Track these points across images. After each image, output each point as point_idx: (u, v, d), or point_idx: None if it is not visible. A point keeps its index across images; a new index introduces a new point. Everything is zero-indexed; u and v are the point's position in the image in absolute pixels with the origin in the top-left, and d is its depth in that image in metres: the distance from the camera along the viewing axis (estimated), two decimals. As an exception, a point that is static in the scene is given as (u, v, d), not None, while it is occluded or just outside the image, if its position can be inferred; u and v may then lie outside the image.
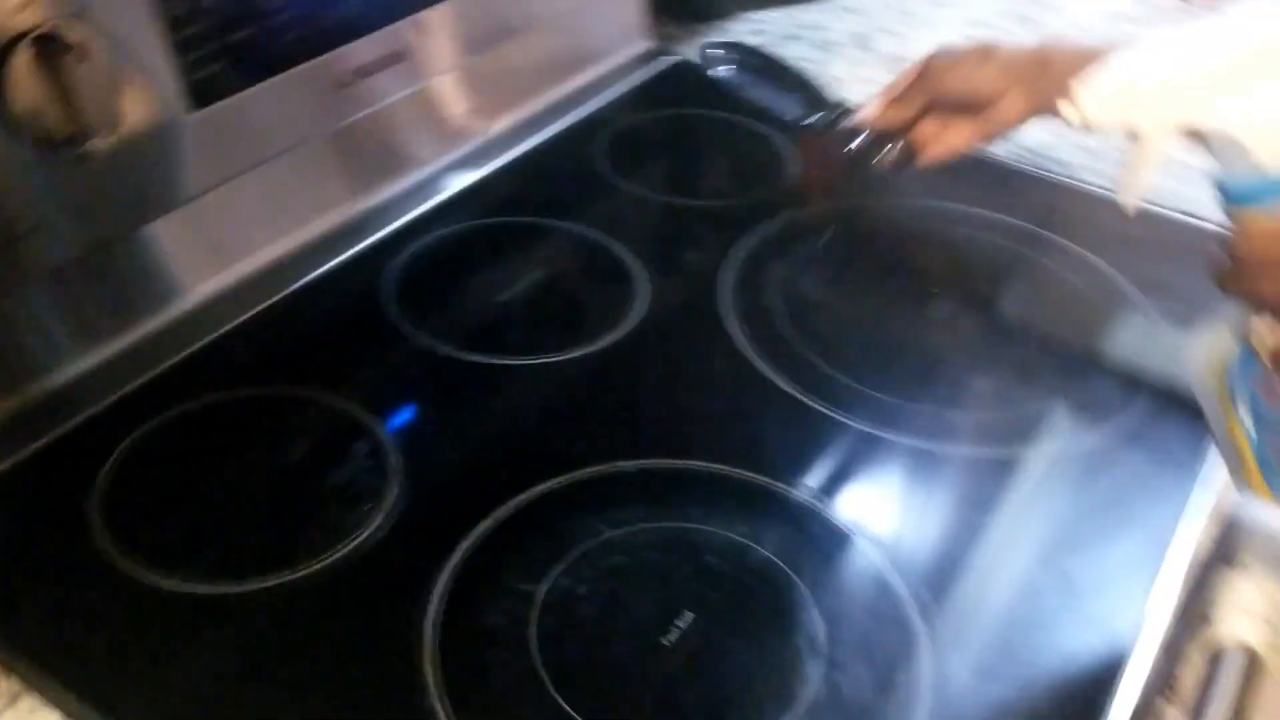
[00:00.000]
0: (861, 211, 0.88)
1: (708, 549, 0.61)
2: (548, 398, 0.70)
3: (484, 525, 0.61)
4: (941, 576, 0.60)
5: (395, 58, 0.79)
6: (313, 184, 0.79)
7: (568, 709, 0.53)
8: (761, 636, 0.57)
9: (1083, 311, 0.80)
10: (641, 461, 0.66)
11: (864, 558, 0.61)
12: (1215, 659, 0.63)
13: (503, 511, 0.62)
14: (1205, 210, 0.89)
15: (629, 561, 0.60)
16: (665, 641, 0.56)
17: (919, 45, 1.12)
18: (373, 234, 0.82)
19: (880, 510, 0.64)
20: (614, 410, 0.70)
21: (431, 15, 0.81)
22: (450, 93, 0.87)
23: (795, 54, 1.10)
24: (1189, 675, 0.65)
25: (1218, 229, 0.62)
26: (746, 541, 0.62)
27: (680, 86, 1.05)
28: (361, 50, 0.76)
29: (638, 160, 0.93)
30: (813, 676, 0.55)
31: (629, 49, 1.06)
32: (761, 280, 0.80)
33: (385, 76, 0.79)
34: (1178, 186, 0.92)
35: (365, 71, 0.77)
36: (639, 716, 0.53)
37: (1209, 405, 0.59)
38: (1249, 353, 0.55)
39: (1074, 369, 0.75)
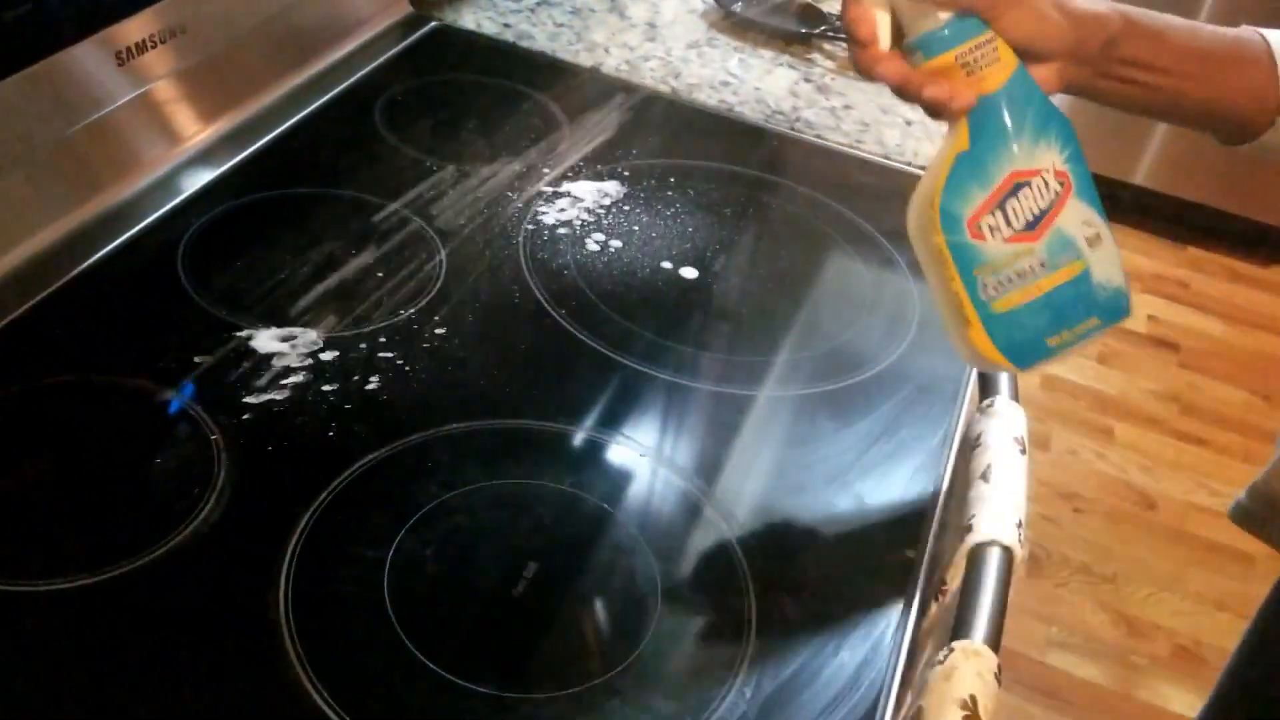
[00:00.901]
0: (639, 170, 0.93)
1: (541, 502, 0.65)
2: (365, 366, 0.71)
3: (322, 497, 0.63)
4: (753, 506, 0.67)
5: (171, 32, 0.77)
6: (88, 163, 0.76)
7: (430, 665, 0.56)
8: (602, 579, 0.62)
9: (839, 255, 0.88)
10: (468, 424, 0.69)
11: (683, 496, 0.67)
12: (975, 559, 0.73)
13: (339, 482, 0.64)
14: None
15: (469, 521, 0.63)
16: (515, 593, 0.60)
17: (668, 11, 1.19)
18: (154, 212, 0.80)
19: (692, 451, 0.70)
20: (433, 375, 0.72)
21: (205, -14, 0.79)
22: (222, 65, 0.86)
23: (550, 18, 1.13)
24: (954, 577, 0.75)
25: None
26: (575, 491, 0.66)
27: (444, 51, 1.06)
28: (139, 25, 0.74)
29: (416, 126, 0.94)
30: (653, 610, 0.60)
31: (389, 16, 1.06)
32: (554, 241, 0.84)
33: (163, 51, 0.77)
34: (917, 145, 1.02)
35: (144, 47, 0.74)
36: (500, 666, 0.57)
37: (929, 264, 0.63)
38: (957, 184, 0.60)
39: (848, 315, 0.83)
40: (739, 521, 0.66)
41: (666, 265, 0.84)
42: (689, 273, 0.84)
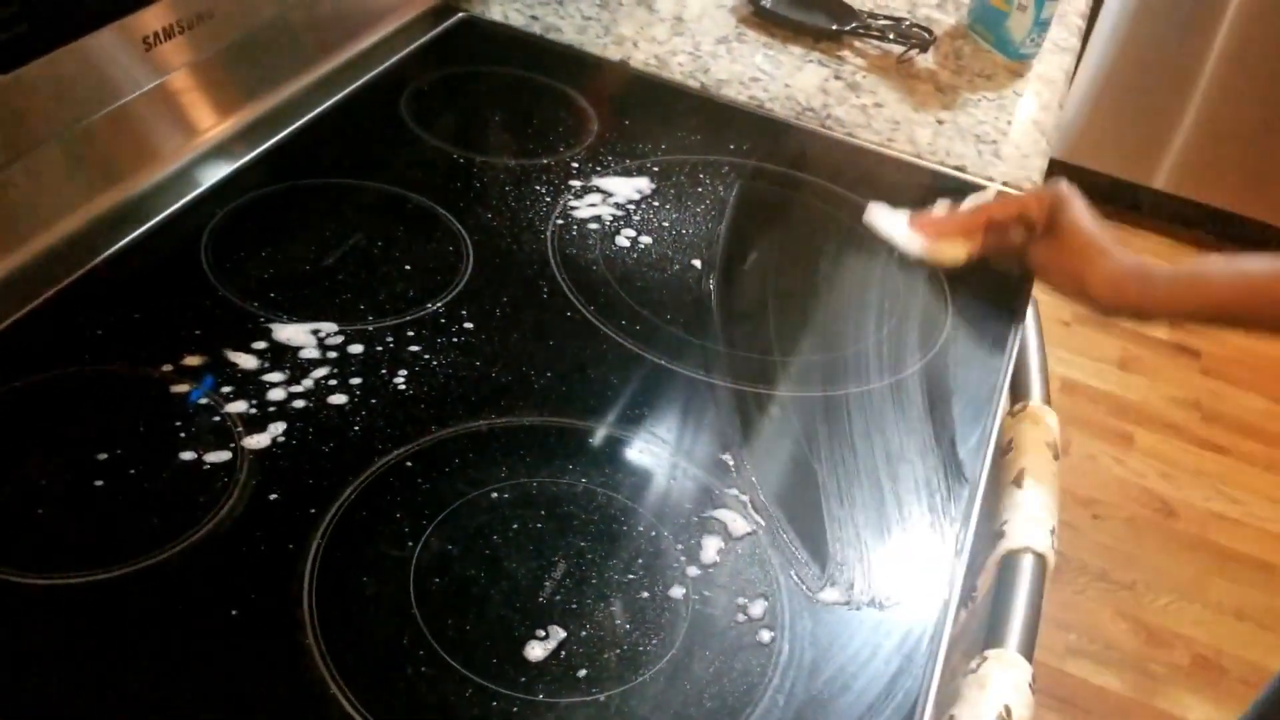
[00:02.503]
0: (669, 166, 0.92)
1: (568, 500, 0.64)
2: (392, 360, 0.70)
3: (347, 493, 0.62)
4: (784, 508, 0.65)
5: (199, 18, 0.76)
6: (110, 151, 0.75)
7: (456, 666, 0.55)
8: (631, 581, 0.60)
9: (870, 255, 0.87)
10: (494, 420, 0.67)
11: (713, 496, 0.65)
12: (1007, 566, 0.71)
13: (364, 478, 0.63)
14: (971, 167, 0.99)
15: (496, 519, 0.62)
16: (542, 598, 0.59)
17: (695, 5, 1.17)
18: (177, 200, 0.79)
19: (722, 451, 0.68)
20: (459, 370, 0.71)
21: (232, -27, 0.78)
22: (246, 54, 0.84)
23: (578, 10, 1.12)
24: (985, 583, 0.73)
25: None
26: (604, 490, 0.65)
27: (471, 42, 1.05)
28: (163, 11, 0.73)
29: (443, 119, 0.93)
30: (684, 613, 0.59)
31: (416, 6, 1.05)
32: (583, 236, 0.83)
33: (187, 38, 0.76)
34: (949, 144, 1.01)
35: (170, 33, 0.73)
36: (528, 668, 0.55)
37: None
38: None
39: (879, 316, 0.82)
40: (771, 523, 0.64)
41: (696, 263, 0.83)
42: (718, 270, 0.82)
